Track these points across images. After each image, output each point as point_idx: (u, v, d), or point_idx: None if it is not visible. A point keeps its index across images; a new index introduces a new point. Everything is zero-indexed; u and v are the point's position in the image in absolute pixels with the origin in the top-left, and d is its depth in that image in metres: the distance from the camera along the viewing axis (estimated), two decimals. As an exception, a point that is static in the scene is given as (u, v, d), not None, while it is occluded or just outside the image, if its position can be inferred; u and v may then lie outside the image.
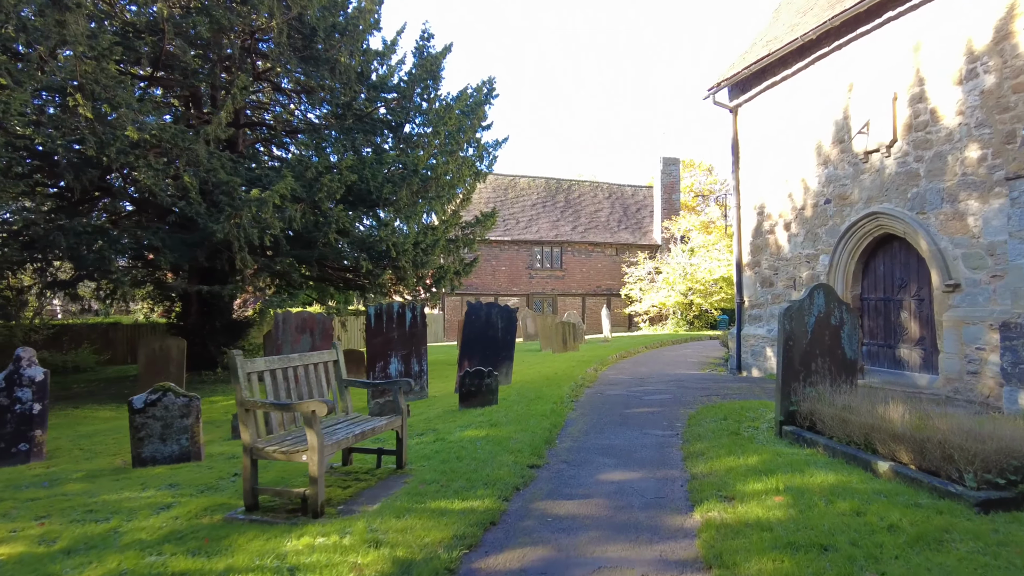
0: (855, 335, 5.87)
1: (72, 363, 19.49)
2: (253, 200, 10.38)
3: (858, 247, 9.66)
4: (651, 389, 9.37)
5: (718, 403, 7.61)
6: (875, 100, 9.17)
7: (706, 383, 10.07)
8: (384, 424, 4.76)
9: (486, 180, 31.51)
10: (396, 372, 9.44)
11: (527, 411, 6.98)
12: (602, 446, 5.62)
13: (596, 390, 9.46)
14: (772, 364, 11.36)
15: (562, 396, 8.17)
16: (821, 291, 5.77)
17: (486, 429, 6.08)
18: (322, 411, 3.83)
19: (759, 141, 11.94)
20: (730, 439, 5.50)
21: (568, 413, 7.25)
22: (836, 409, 5.14)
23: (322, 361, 4.99)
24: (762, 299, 11.87)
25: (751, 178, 12.21)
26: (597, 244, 31.44)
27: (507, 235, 29.71)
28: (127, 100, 10.23)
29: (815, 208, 10.51)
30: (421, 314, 9.53)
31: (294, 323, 9.49)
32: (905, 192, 8.74)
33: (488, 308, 10.12)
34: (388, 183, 12.82)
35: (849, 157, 9.74)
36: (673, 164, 33.10)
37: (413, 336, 9.50)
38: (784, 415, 5.60)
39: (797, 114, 10.87)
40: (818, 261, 10.45)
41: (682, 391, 9.02)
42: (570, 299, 31.06)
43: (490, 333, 10.02)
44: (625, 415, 7.14)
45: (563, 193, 33.09)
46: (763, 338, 11.67)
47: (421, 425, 6.70)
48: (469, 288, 28.89)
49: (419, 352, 9.51)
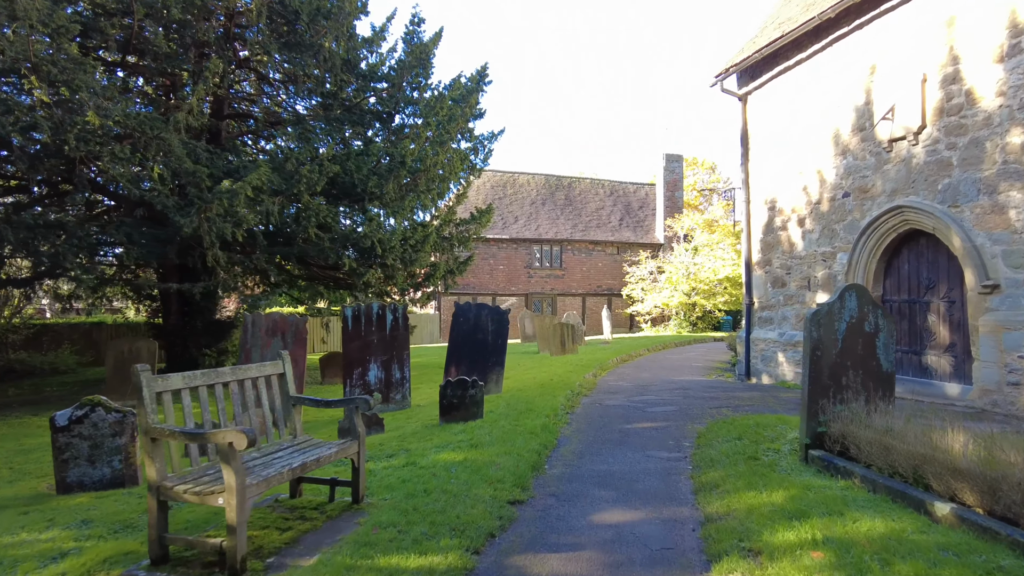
0: (892, 344, 5.06)
1: (50, 364, 18.73)
2: (224, 192, 9.59)
3: (880, 244, 8.84)
4: (654, 399, 8.57)
5: (730, 417, 6.80)
6: (901, 83, 8.35)
7: (714, 392, 9.26)
8: (334, 452, 3.96)
9: (482, 176, 30.75)
10: (375, 379, 8.66)
11: (515, 427, 6.18)
12: (598, 473, 4.82)
13: (594, 400, 8.66)
14: (785, 371, 10.55)
15: (556, 408, 7.37)
16: (853, 293, 4.96)
17: (465, 451, 5.28)
18: (241, 443, 3.03)
19: (770, 131, 11.12)
20: (748, 466, 4.69)
21: (561, 429, 6.45)
22: (875, 432, 4.33)
23: (263, 375, 4.19)
24: (773, 300, 11.05)
25: (761, 171, 11.40)
26: (598, 243, 30.62)
27: (505, 233, 28.91)
28: (88, 83, 9.44)
29: (832, 202, 9.69)
30: (403, 316, 8.74)
31: (264, 325, 8.72)
32: (935, 183, 7.92)
33: (477, 309, 9.33)
34: (374, 176, 12.03)
35: (871, 146, 8.92)
36: (676, 161, 32.28)
37: (394, 340, 8.71)
38: (810, 437, 4.79)
39: (812, 101, 10.06)
40: (835, 260, 9.63)
41: (688, 401, 8.21)
42: (570, 299, 30.26)
43: (479, 337, 9.22)
44: (625, 432, 6.34)
45: (563, 190, 32.28)
46: (774, 342, 10.86)
47: (393, 444, 5.91)
48: (466, 288, 28.11)
49: (401, 357, 8.72)
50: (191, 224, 9.67)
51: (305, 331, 8.69)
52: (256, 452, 3.82)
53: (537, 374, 11.73)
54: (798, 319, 10.42)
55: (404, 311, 8.74)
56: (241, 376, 4.00)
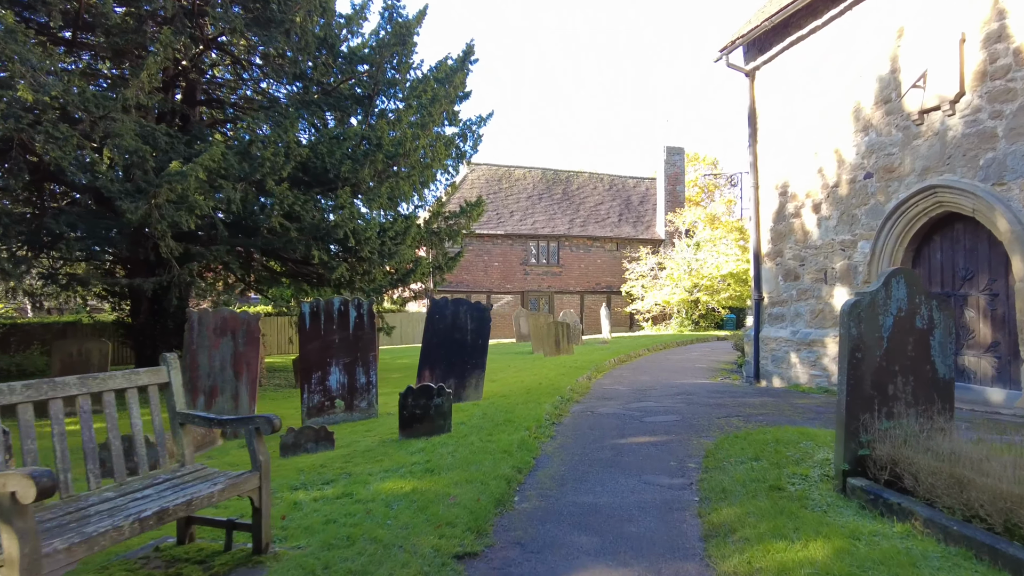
0: (950, 343, 4.04)
1: (17, 366, 17.74)
2: (172, 175, 8.58)
3: (909, 230, 7.81)
4: (654, 406, 7.55)
5: (742, 430, 5.78)
6: (934, 45, 7.32)
7: (721, 397, 8.24)
8: (217, 491, 2.93)
9: (476, 170, 29.77)
10: (337, 385, 7.64)
11: (486, 444, 5.16)
12: (581, 508, 3.81)
13: (586, 407, 7.64)
14: (798, 373, 9.53)
15: (539, 418, 6.35)
16: (901, 279, 3.94)
17: (416, 479, 4.27)
18: (28, 493, 2.02)
19: (781, 108, 10.09)
20: (771, 499, 3.67)
21: (543, 445, 5.43)
22: (939, 460, 3.32)
23: (134, 385, 3.18)
24: (785, 295, 10.03)
25: (771, 153, 10.37)
26: (596, 238, 29.60)
27: (500, 228, 27.90)
28: (22, 55, 8.44)
29: (852, 185, 8.66)
30: (368, 313, 7.72)
31: (212, 324, 7.72)
32: (975, 158, 6.89)
33: (455, 306, 8.31)
34: (348, 160, 11.01)
35: (898, 119, 7.89)
36: (677, 154, 31.24)
37: (359, 340, 7.69)
38: (850, 461, 3.77)
39: (829, 72, 9.03)
40: (855, 249, 8.61)
41: (693, 409, 7.19)
42: (567, 297, 29.23)
43: (457, 336, 8.20)
44: (619, 449, 5.32)
45: (560, 184, 31.25)
46: (786, 341, 9.84)
47: (336, 465, 4.89)
48: (459, 285, 27.10)
49: (366, 360, 7.70)
50: (138, 211, 8.66)
51: (258, 330, 7.69)
52: (96, 496, 2.80)
53: (526, 377, 10.71)
54: (813, 316, 9.39)
55: (370, 307, 7.72)
56: (98, 388, 2.99)
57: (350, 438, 6.21)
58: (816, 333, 9.26)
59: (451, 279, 26.81)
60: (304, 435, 5.72)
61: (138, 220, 8.85)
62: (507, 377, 11.06)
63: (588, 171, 32.52)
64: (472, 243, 27.42)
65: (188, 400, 7.69)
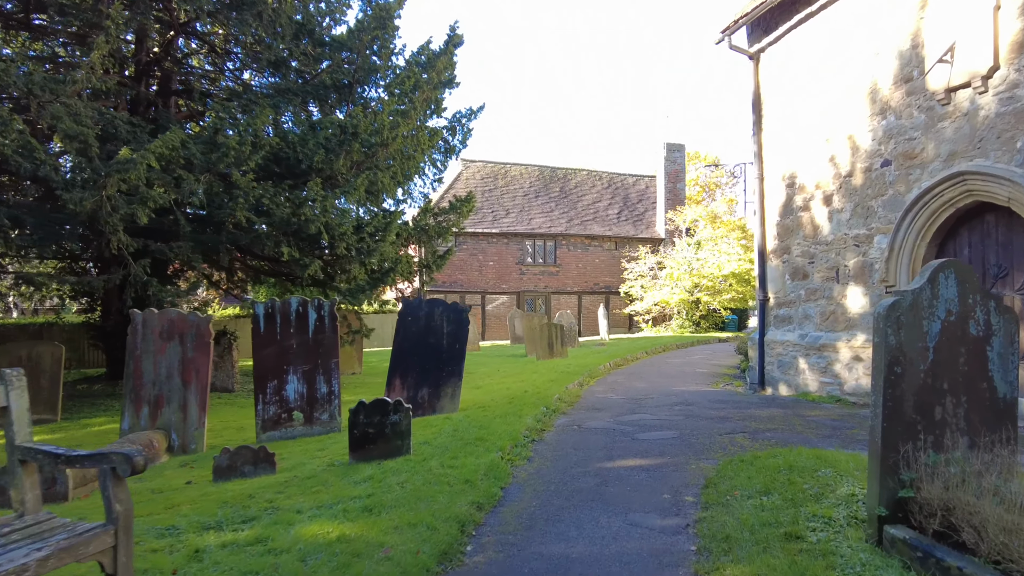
0: (1013, 354, 3.26)
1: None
2: (122, 162, 7.81)
3: (932, 223, 7.02)
4: (649, 419, 6.76)
5: (748, 451, 5.00)
6: (963, 15, 6.53)
7: (723, 408, 7.45)
8: (40, 558, 2.14)
9: (467, 163, 28.98)
10: (295, 395, 6.87)
11: (447, 471, 4.39)
12: (547, 565, 3.02)
13: (573, 420, 6.85)
14: (807, 380, 8.74)
15: (517, 435, 5.57)
16: (951, 275, 3.16)
17: (350, 520, 3.49)
18: None
19: (788, 92, 9.31)
20: (787, 554, 2.89)
21: (515, 471, 4.65)
22: (1012, 510, 2.53)
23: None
24: (793, 295, 9.24)
25: (778, 141, 9.58)
26: (595, 237, 28.81)
27: (495, 227, 27.12)
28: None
29: (868, 173, 7.87)
30: (330, 315, 6.95)
31: (159, 327, 6.94)
32: (1012, 140, 6.11)
33: (430, 307, 7.52)
34: (321, 149, 10.23)
35: (920, 100, 7.10)
36: (678, 150, 30.44)
37: (319, 345, 6.92)
38: (887, 504, 2.98)
39: (841, 52, 8.24)
40: (871, 244, 7.82)
41: (692, 423, 6.39)
42: (565, 297, 28.44)
43: (431, 341, 7.42)
44: (604, 476, 4.53)
45: (558, 182, 30.46)
46: (794, 346, 9.05)
47: (267, 496, 4.11)
48: (453, 285, 26.34)
49: (327, 367, 6.92)
50: (83, 203, 7.89)
51: (209, 333, 6.91)
52: None
53: (512, 383, 9.93)
54: (823, 318, 8.60)
55: (332, 309, 6.94)
56: None
57: (299, 458, 5.43)
58: (827, 337, 8.47)
59: (444, 279, 26.05)
60: (241, 457, 4.94)
61: (87, 213, 8.08)
62: (492, 384, 10.28)
63: (586, 168, 31.74)
64: (466, 242, 26.67)
65: (131, 411, 6.93)
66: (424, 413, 7.12)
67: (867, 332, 7.83)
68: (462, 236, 26.43)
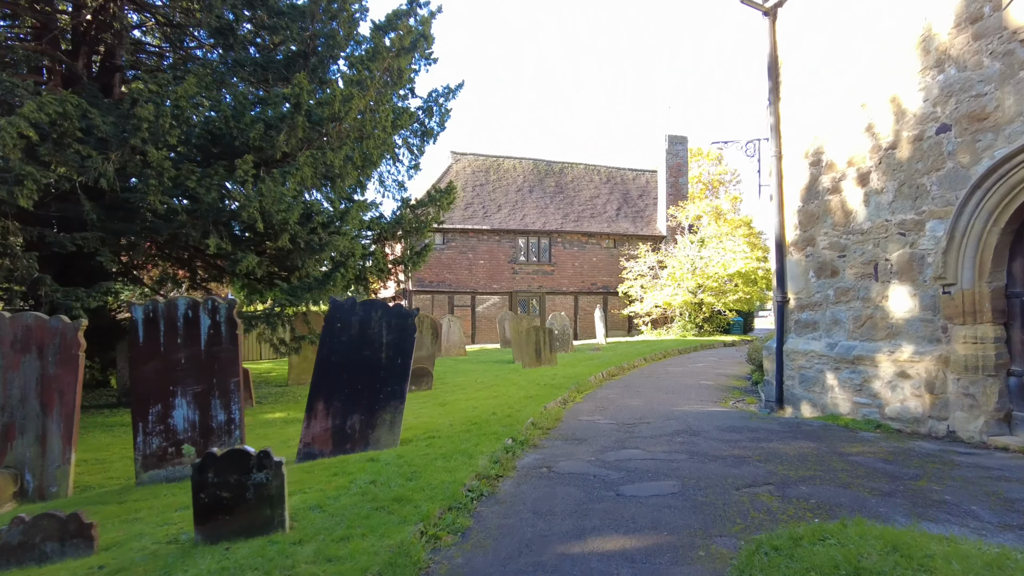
0: None
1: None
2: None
3: (1010, 203, 5.44)
4: (640, 460, 5.18)
5: (781, 522, 3.43)
6: (1057, -75, 4.95)
7: (737, 439, 5.86)
8: None
9: (458, 156, 27.41)
10: (185, 423, 5.31)
11: (321, 569, 2.81)
12: None
13: (542, 459, 5.28)
14: (837, 400, 7.16)
15: (456, 491, 4.01)
16: None
17: None
18: None
19: (812, 52, 7.73)
20: None
21: (431, 567, 3.08)
22: None
23: None
24: (819, 296, 7.66)
25: (799, 111, 8.01)
26: (592, 234, 27.21)
27: (486, 223, 25.54)
28: None
29: (917, 143, 6.29)
30: (228, 319, 5.39)
31: (11, 335, 5.41)
32: None
33: (366, 310, 5.95)
34: (260, 124, 8.68)
35: (993, 43, 5.52)
36: (680, 143, 28.83)
37: (214, 359, 5.36)
38: None
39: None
40: (922, 232, 6.23)
41: (698, 469, 4.81)
42: (560, 298, 26.85)
43: (366, 354, 5.85)
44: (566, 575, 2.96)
45: (553, 177, 28.88)
46: (821, 357, 7.47)
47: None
48: (440, 284, 24.77)
49: (225, 387, 5.36)
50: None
51: (77, 344, 5.38)
52: None
53: (484, 399, 8.36)
54: (857, 323, 7.02)
55: (230, 312, 5.37)
56: None
57: (145, 524, 3.86)
58: (862, 347, 6.89)
59: (432, 278, 24.51)
60: (38, 530, 3.39)
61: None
62: (461, 399, 8.72)
63: (583, 163, 30.14)
64: (455, 239, 25.11)
65: (-25, 445, 5.36)
66: (352, 449, 5.55)
67: (916, 342, 6.25)
68: (451, 233, 24.89)
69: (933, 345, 6.10)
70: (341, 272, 9.80)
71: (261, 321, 9.26)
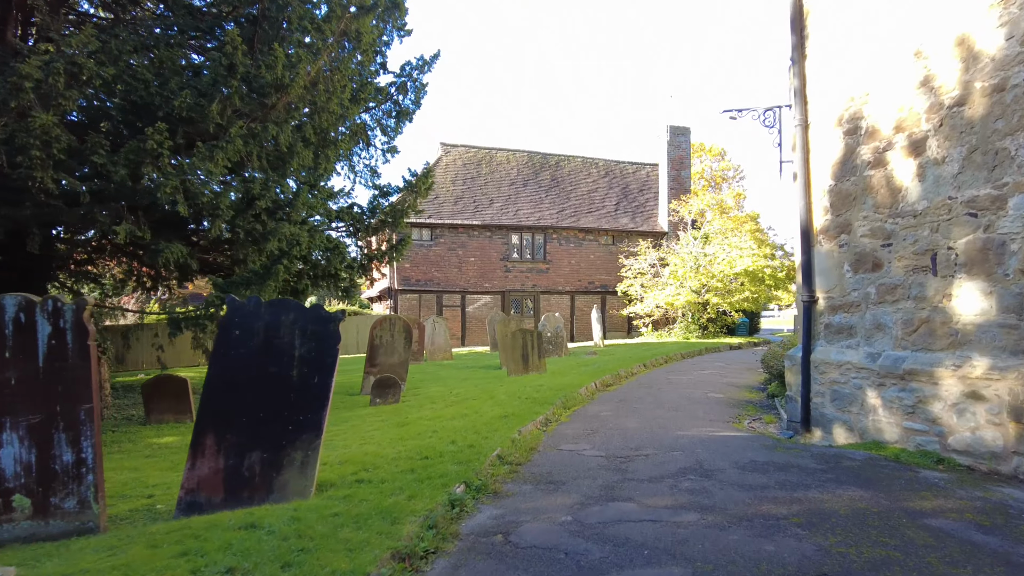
0: None
1: None
2: None
3: None
4: (635, 521, 3.76)
5: None
6: None
7: (764, 485, 4.43)
8: None
9: (448, 148, 25.97)
10: (15, 466, 3.90)
11: None
12: None
13: (501, 516, 3.87)
14: (881, 423, 5.73)
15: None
16: None
17: None
18: None
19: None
20: None
21: None
22: None
23: None
24: (856, 295, 6.24)
25: (830, 69, 6.58)
26: (590, 230, 25.80)
27: (477, 218, 24.12)
28: None
29: (997, 95, 4.86)
30: (75, 326, 3.97)
31: None
32: None
33: (274, 312, 4.52)
34: (188, 90, 7.27)
35: (1112, -47, 4.08)
36: (682, 134, 27.39)
37: (57, 378, 3.95)
38: None
39: (946, -91, 5.23)
40: (1003, 209, 4.81)
41: (716, 540, 3.39)
42: (555, 297, 25.44)
43: (272, 371, 4.43)
44: None
45: (549, 170, 27.46)
46: (859, 370, 6.04)
47: None
48: (428, 283, 23.37)
49: (73, 417, 3.95)
50: None
51: None
52: None
53: (445, 423, 6.94)
54: (908, 329, 5.60)
55: (78, 317, 3.96)
56: None
57: None
58: (916, 359, 5.47)
59: (419, 276, 23.12)
60: None
61: None
62: (423, 419, 7.30)
63: (581, 155, 28.71)
64: (444, 234, 23.69)
65: None
66: (251, 498, 4.14)
67: (993, 354, 4.82)
68: (439, 228, 23.48)
69: (1018, 358, 4.68)
70: (284, 264, 8.37)
71: (190, 324, 7.85)
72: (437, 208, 23.67)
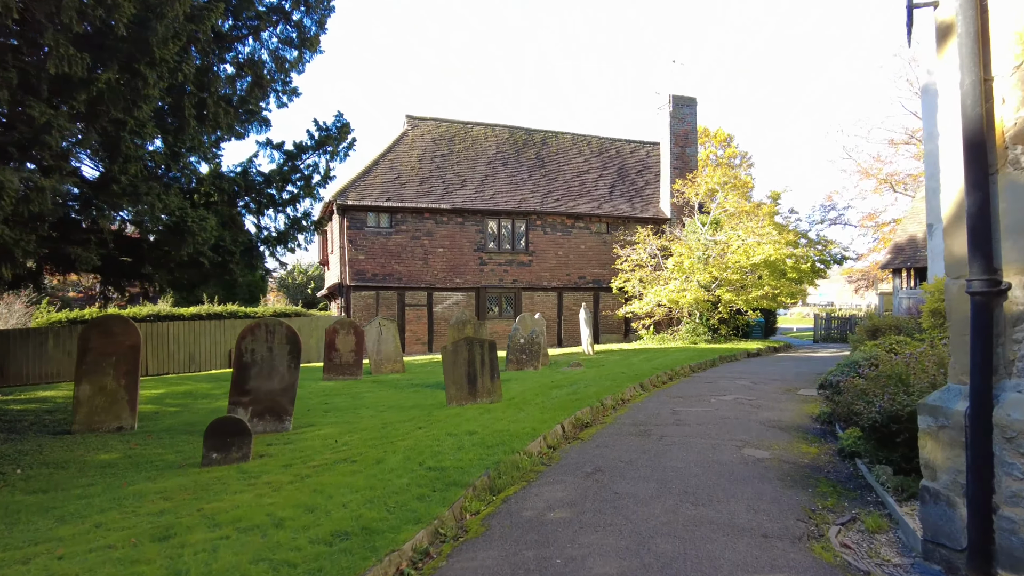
0: None
1: None
2: None
3: None
4: None
5: None
6: None
7: None
8: None
9: (415, 121, 22.56)
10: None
11: None
12: None
13: None
14: None
15: None
16: None
17: None
18: None
19: None
20: None
21: None
22: None
23: None
24: None
25: None
26: (580, 216, 22.13)
27: (446, 201, 20.46)
28: None
29: None
30: None
31: None
32: None
33: None
34: None
35: None
36: (687, 105, 23.68)
37: None
38: None
39: None
40: None
41: None
42: (540, 295, 21.78)
43: None
44: None
45: (533, 147, 23.78)
46: None
47: None
48: (387, 279, 19.72)
49: None
50: None
51: None
52: None
53: (232, 555, 3.30)
54: None
55: None
56: None
57: None
58: None
59: (377, 270, 19.48)
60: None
61: None
62: (240, 504, 3.66)
63: (571, 132, 25.03)
64: (406, 220, 20.05)
65: None
66: None
67: None
68: (400, 213, 19.83)
69: None
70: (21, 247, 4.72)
71: None
72: (398, 190, 20.03)
